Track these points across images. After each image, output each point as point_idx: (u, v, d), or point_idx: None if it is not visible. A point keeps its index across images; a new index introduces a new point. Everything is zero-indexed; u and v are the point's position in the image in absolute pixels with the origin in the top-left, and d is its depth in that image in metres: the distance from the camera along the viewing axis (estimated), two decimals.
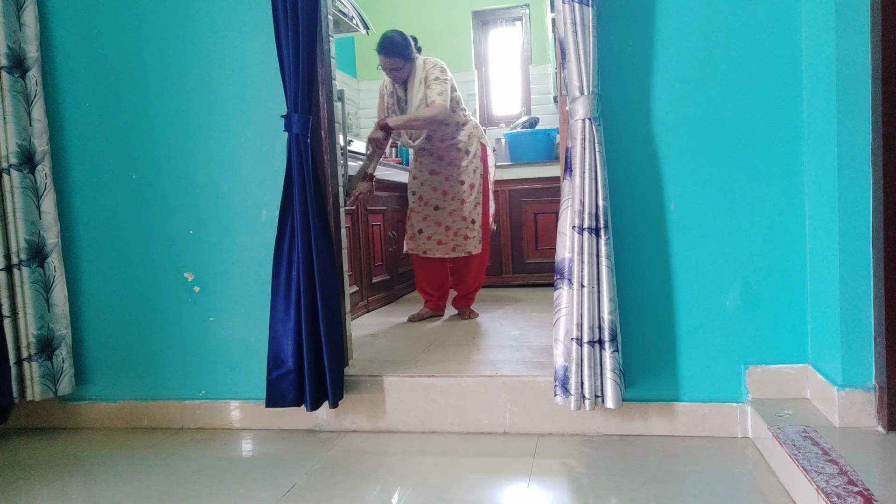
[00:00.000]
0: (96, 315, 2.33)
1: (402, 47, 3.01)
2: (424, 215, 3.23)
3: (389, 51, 3.00)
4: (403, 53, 3.02)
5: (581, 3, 1.76)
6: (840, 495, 1.30)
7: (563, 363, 1.84)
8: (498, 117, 5.18)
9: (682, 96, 1.92)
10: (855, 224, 1.66)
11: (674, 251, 1.95)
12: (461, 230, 3.18)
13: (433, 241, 3.21)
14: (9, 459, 2.06)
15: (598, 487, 1.66)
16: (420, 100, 3.05)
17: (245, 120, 2.20)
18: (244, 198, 2.21)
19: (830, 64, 1.67)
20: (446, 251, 3.20)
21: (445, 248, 3.20)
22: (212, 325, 2.25)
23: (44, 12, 2.25)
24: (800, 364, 1.90)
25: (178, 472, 1.88)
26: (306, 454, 1.97)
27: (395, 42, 3.00)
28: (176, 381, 2.28)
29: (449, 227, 3.19)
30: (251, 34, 2.16)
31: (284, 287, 2.01)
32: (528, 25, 5.05)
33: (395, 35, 3.02)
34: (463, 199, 3.20)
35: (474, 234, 3.21)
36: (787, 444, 1.57)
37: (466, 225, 3.18)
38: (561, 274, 1.85)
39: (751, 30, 1.87)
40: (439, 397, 2.09)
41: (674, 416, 1.97)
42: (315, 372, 2.00)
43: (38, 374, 2.19)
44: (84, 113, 2.29)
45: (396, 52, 3.00)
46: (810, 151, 1.84)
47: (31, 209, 2.19)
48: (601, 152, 1.81)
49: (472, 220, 3.18)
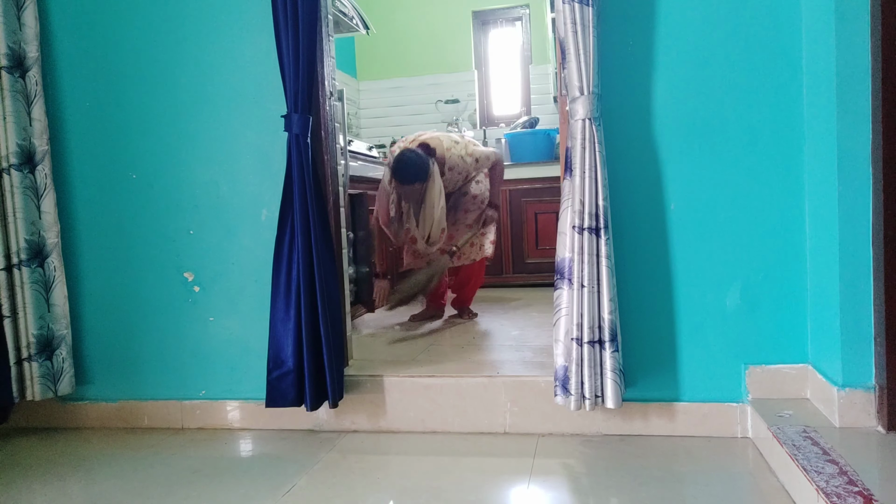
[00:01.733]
0: (96, 315, 2.33)
1: (419, 173, 2.81)
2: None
3: (407, 179, 2.81)
4: (421, 177, 2.83)
5: (581, 3, 1.76)
6: (840, 495, 1.30)
7: (563, 363, 1.84)
8: (498, 117, 5.18)
9: (682, 96, 1.92)
10: (855, 224, 1.66)
11: (674, 251, 1.95)
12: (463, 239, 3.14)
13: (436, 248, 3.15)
14: (9, 459, 2.06)
15: (598, 487, 1.66)
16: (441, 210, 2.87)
17: (245, 120, 2.20)
18: (244, 198, 2.21)
19: (830, 64, 1.67)
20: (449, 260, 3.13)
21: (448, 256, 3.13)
22: (212, 325, 2.25)
23: (44, 12, 2.25)
24: (800, 364, 1.90)
25: (178, 472, 1.88)
26: (306, 454, 1.97)
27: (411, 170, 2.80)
28: (176, 381, 2.28)
29: (453, 235, 3.13)
30: (251, 34, 2.16)
31: (284, 287, 2.01)
32: (528, 25, 5.04)
33: (411, 162, 2.80)
34: (467, 208, 3.16)
35: (478, 241, 3.18)
36: (787, 444, 1.57)
37: (473, 232, 3.13)
38: (561, 274, 1.85)
39: (751, 30, 1.87)
40: (439, 397, 2.09)
41: (674, 416, 1.97)
42: (315, 372, 2.00)
43: (37, 374, 2.19)
44: (84, 113, 2.29)
45: (414, 179, 2.82)
46: (810, 151, 1.84)
47: (31, 209, 2.19)
48: (601, 152, 1.81)
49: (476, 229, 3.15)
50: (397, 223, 3.04)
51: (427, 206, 2.91)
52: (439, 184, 2.89)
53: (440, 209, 2.89)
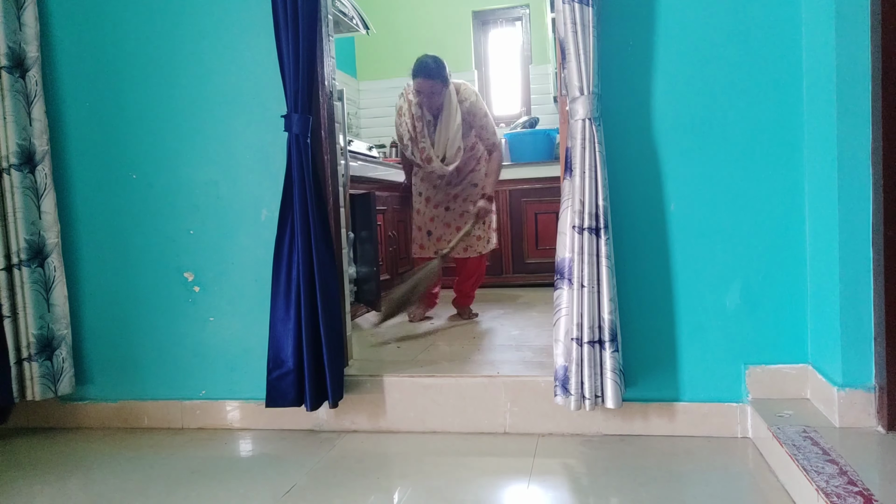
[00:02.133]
0: (96, 315, 2.33)
1: (440, 70, 2.97)
2: (431, 216, 3.22)
3: (429, 74, 2.94)
4: (442, 76, 2.97)
5: (581, 3, 1.76)
6: (840, 495, 1.30)
7: (563, 363, 1.84)
8: (498, 117, 5.18)
9: (682, 96, 1.92)
10: (855, 224, 1.66)
11: (674, 251, 1.95)
12: (473, 231, 3.16)
13: (444, 241, 3.20)
14: (9, 459, 2.06)
15: (598, 487, 1.66)
16: (457, 128, 3.02)
17: (245, 120, 2.20)
18: (244, 198, 2.21)
19: (830, 64, 1.67)
20: (457, 251, 3.17)
21: (456, 248, 3.16)
22: (212, 325, 2.25)
23: (44, 12, 2.25)
24: (800, 364, 1.90)
25: (178, 472, 1.88)
26: (306, 454, 1.97)
27: (432, 66, 2.95)
28: (176, 381, 2.28)
29: (460, 227, 3.18)
30: (251, 34, 2.16)
31: (284, 287, 2.01)
32: (528, 25, 5.04)
33: (430, 59, 2.98)
34: (474, 199, 3.19)
35: (485, 234, 3.20)
36: (787, 444, 1.56)
37: (477, 224, 3.15)
38: (561, 274, 1.85)
39: (751, 30, 1.87)
40: (439, 397, 2.09)
41: (674, 416, 1.97)
42: (315, 372, 2.00)
43: (38, 374, 2.19)
44: (84, 113, 2.29)
45: (436, 75, 2.95)
46: (810, 151, 1.84)
47: (32, 209, 2.19)
48: (601, 152, 1.81)
49: (482, 220, 3.16)
50: (413, 145, 3.09)
51: (443, 122, 3.03)
52: (456, 102, 3.02)
53: (456, 126, 3.01)
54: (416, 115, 3.06)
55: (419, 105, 3.04)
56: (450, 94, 3.03)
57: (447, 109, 3.04)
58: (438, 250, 3.19)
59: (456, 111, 3.03)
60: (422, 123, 3.06)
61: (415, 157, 3.13)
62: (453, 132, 3.03)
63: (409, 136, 3.10)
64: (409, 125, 3.08)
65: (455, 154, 3.09)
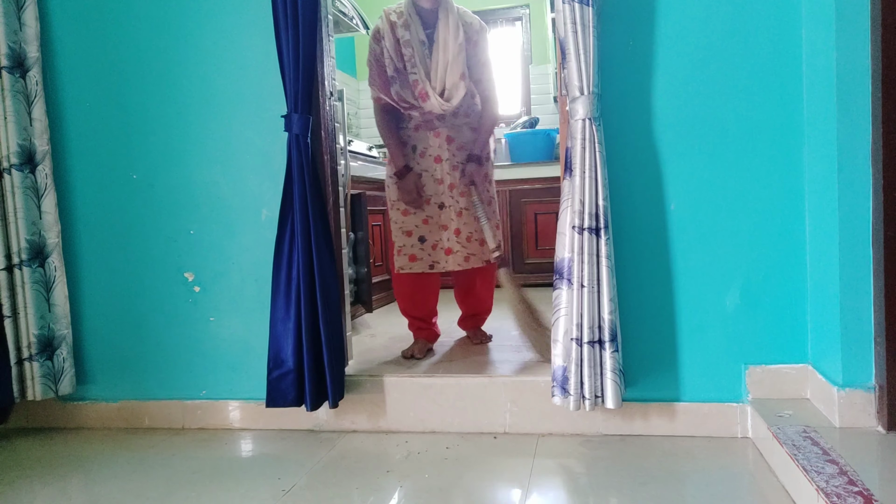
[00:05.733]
0: (97, 315, 2.33)
1: None
2: (425, 217, 2.43)
3: None
4: None
5: (581, 2, 1.76)
6: (840, 495, 1.30)
7: (561, 363, 1.84)
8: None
9: (682, 96, 1.92)
10: (855, 224, 1.66)
11: (674, 251, 1.95)
12: (475, 233, 2.43)
13: (439, 249, 2.44)
14: (9, 459, 2.06)
15: (598, 487, 1.66)
16: (459, 47, 2.31)
17: (245, 120, 2.20)
18: (244, 198, 2.21)
19: (830, 64, 1.67)
20: (458, 261, 2.42)
21: (457, 257, 2.42)
22: (212, 325, 2.25)
23: (44, 12, 2.25)
24: (800, 364, 1.90)
25: (178, 472, 1.89)
26: (306, 454, 1.97)
27: None
28: (177, 381, 2.29)
29: (459, 230, 2.42)
30: (251, 34, 2.16)
31: (284, 287, 2.01)
32: (528, 25, 5.04)
33: None
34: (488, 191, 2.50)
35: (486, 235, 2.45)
36: (787, 444, 1.57)
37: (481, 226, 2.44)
38: (560, 274, 1.85)
39: (751, 30, 1.87)
40: (439, 397, 2.10)
41: (674, 416, 1.97)
42: (315, 372, 2.00)
43: (38, 373, 2.19)
44: (84, 113, 2.29)
45: None
46: (810, 151, 1.84)
47: (32, 209, 2.19)
48: (601, 152, 1.81)
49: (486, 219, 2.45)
50: (399, 81, 2.36)
51: (440, 39, 2.34)
52: (456, 15, 2.36)
53: (458, 44, 2.31)
54: (402, 38, 2.32)
55: (406, 25, 2.33)
56: (448, 9, 2.36)
57: (444, 21, 2.33)
58: (434, 263, 2.44)
59: (457, 27, 2.32)
60: (411, 49, 2.32)
61: (405, 96, 2.36)
62: (453, 53, 2.31)
63: (395, 67, 2.34)
64: (390, 52, 2.33)
65: (457, 85, 2.34)
